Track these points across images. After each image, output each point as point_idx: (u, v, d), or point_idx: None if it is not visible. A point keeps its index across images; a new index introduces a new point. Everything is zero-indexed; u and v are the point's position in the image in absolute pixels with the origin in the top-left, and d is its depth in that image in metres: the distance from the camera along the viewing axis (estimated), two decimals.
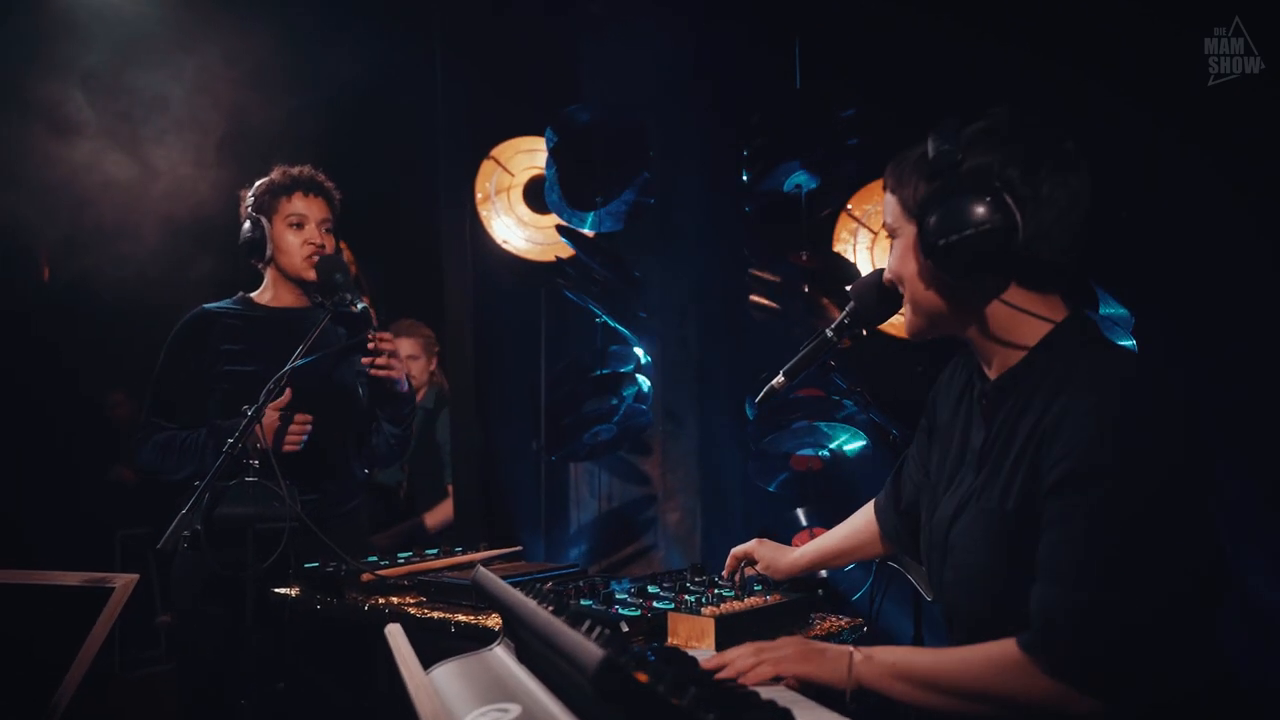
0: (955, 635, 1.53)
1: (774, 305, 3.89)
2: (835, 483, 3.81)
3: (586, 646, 0.98)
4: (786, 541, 3.72)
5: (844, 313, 1.81)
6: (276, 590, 2.37)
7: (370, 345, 2.80)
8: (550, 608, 1.38)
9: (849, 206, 4.13)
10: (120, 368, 6.10)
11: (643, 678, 0.98)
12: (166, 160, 4.93)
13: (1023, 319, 1.46)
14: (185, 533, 2.16)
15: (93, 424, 6.45)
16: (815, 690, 1.40)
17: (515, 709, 1.17)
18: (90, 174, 4.94)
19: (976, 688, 1.34)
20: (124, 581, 2.01)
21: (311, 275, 2.85)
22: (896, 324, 3.59)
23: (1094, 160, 1.47)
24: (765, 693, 1.29)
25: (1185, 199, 3.10)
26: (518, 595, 1.32)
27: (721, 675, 1.39)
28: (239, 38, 4.67)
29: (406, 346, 4.60)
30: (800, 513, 3.98)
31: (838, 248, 4.14)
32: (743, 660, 1.42)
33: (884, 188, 1.58)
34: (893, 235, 1.57)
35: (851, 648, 1.43)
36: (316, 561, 2.45)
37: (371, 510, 4.19)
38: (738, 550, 2.12)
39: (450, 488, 4.36)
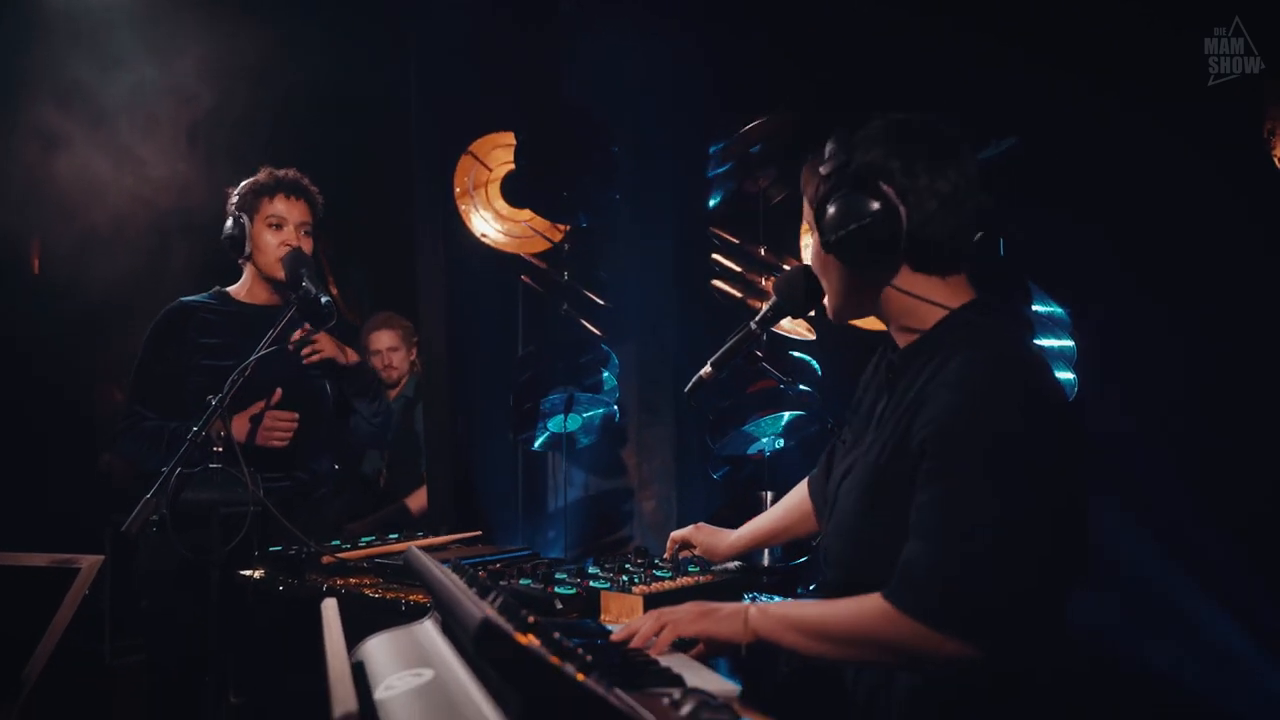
0: (827, 581, 1.65)
1: (736, 293, 3.98)
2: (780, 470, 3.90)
3: (472, 612, 1.08)
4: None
5: (766, 305, 1.90)
6: (241, 573, 2.47)
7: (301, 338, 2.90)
8: (465, 579, 1.48)
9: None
10: (110, 359, 6.19)
11: (524, 640, 1.07)
12: (148, 156, 5.02)
13: (919, 302, 1.59)
14: (153, 516, 2.27)
15: (83, 414, 6.54)
16: (715, 650, 1.51)
17: (429, 673, 1.26)
18: (76, 169, 5.03)
19: (856, 634, 1.45)
20: (89, 562, 2.12)
21: (283, 274, 2.94)
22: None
23: (1086, 161, 1.58)
24: (665, 660, 1.39)
25: (1186, 199, 3.14)
26: (434, 572, 1.42)
27: (625, 642, 1.48)
28: (215, 36, 4.76)
29: (386, 338, 4.69)
30: (767, 496, 4.07)
31: (805, 240, 4.23)
32: (646, 627, 1.51)
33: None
34: (812, 231, 1.69)
35: (746, 604, 1.53)
36: (280, 545, 2.55)
37: (351, 499, 4.29)
38: (676, 534, 2.22)
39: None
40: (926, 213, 1.52)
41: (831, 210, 1.54)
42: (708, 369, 1.98)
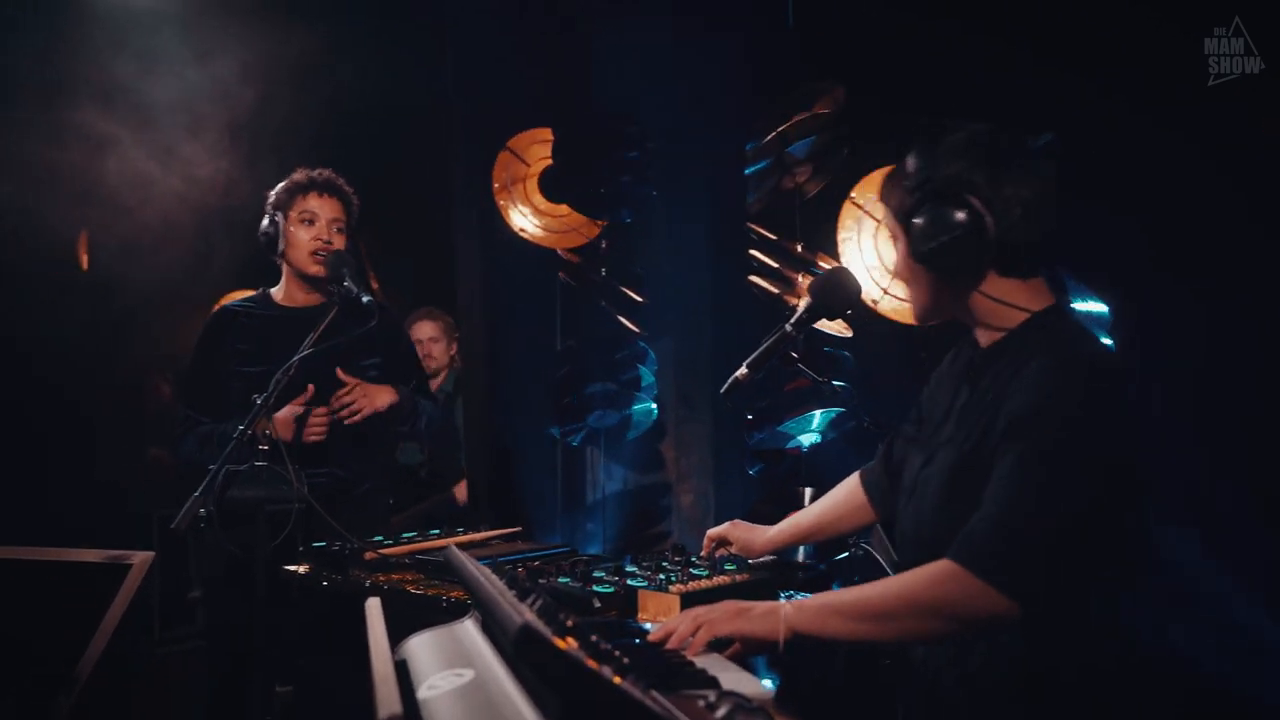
0: (906, 567, 1.67)
1: (773, 289, 3.98)
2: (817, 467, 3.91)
3: (512, 616, 1.11)
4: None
5: (802, 307, 1.92)
6: (286, 568, 2.52)
7: (340, 398, 2.94)
8: (508, 584, 1.51)
9: (852, 195, 4.20)
10: (156, 353, 6.31)
11: (563, 644, 1.09)
12: (193, 155, 5.11)
13: (1003, 305, 1.68)
14: (200, 511, 2.33)
15: (130, 407, 6.67)
16: (752, 648, 1.53)
17: (470, 673, 1.30)
18: (122, 168, 5.13)
19: (901, 603, 1.51)
20: (141, 559, 2.17)
21: (314, 270, 3.02)
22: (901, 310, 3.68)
23: (1086, 159, 1.61)
24: (700, 661, 1.41)
25: (1185, 199, 3.13)
26: (474, 573, 1.45)
27: (664, 643, 1.50)
28: (258, 37, 4.83)
29: (428, 329, 4.74)
30: (806, 492, 4.08)
31: (841, 235, 4.22)
32: (683, 628, 1.53)
33: (880, 198, 1.82)
34: (893, 238, 1.78)
35: (782, 601, 1.56)
36: (324, 541, 2.59)
37: (395, 492, 4.35)
38: (713, 532, 2.24)
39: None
40: (1010, 221, 1.60)
41: (921, 222, 1.63)
42: (744, 370, 2.00)
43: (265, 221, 3.05)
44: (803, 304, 1.92)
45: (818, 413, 3.39)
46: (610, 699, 1.05)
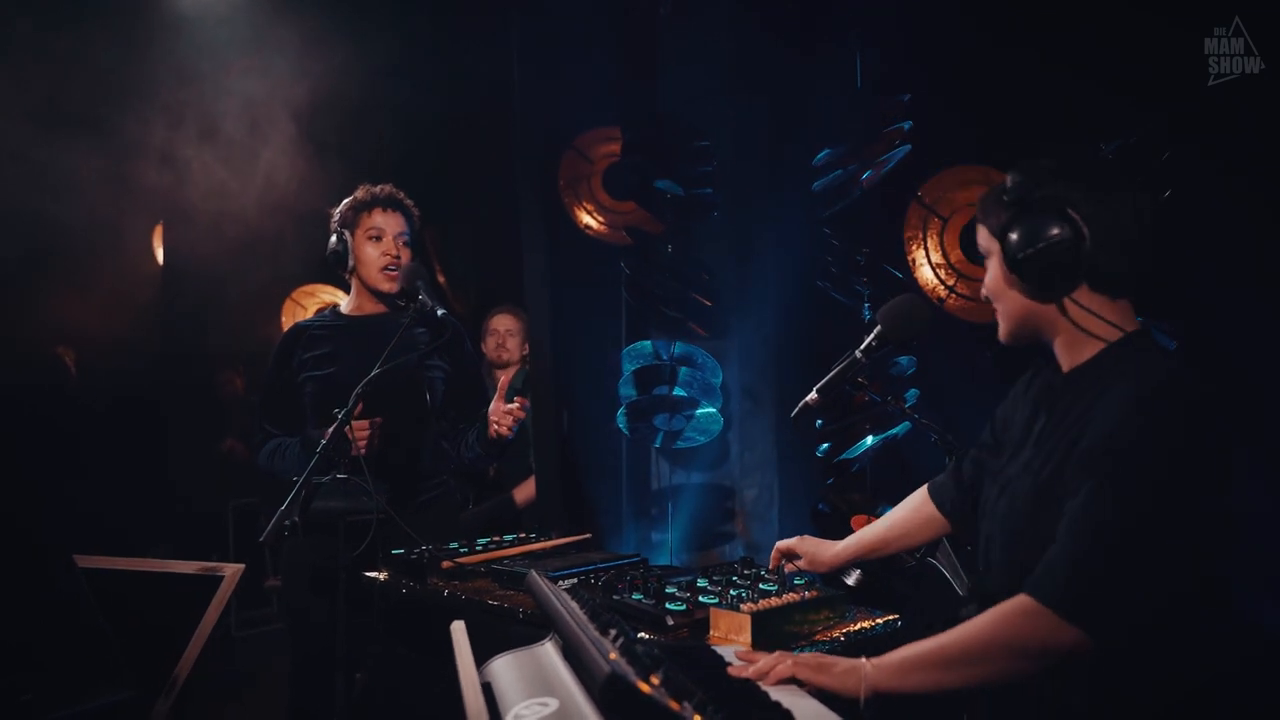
0: (989, 594, 1.69)
1: (839, 296, 4.01)
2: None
3: (598, 661, 1.16)
4: (845, 523, 3.86)
5: (871, 335, 1.95)
6: (367, 574, 2.62)
7: (509, 408, 3.00)
8: (585, 609, 1.57)
9: (919, 194, 4.20)
10: (229, 348, 6.49)
11: (645, 688, 1.15)
12: (265, 155, 5.24)
13: (1093, 321, 1.69)
14: (286, 522, 2.43)
15: (207, 399, 6.87)
16: (831, 699, 1.55)
17: (554, 704, 1.36)
18: (196, 168, 5.27)
19: (981, 645, 1.52)
20: (232, 571, 2.28)
21: (386, 288, 3.11)
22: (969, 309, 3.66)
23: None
24: (775, 694, 1.46)
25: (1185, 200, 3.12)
26: (554, 603, 1.51)
27: (741, 673, 1.55)
28: (324, 40, 4.93)
29: (506, 321, 4.82)
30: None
31: (908, 234, 4.22)
32: (764, 665, 1.57)
33: (976, 219, 1.83)
34: (986, 257, 1.81)
35: (864, 660, 1.57)
36: (403, 548, 2.68)
37: (462, 490, 4.45)
38: (781, 545, 2.27)
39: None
40: (1105, 238, 1.63)
41: (1018, 233, 1.66)
42: (814, 396, 2.03)
43: (333, 239, 3.14)
44: (874, 332, 1.94)
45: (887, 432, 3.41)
46: None
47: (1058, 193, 1.65)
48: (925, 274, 4.25)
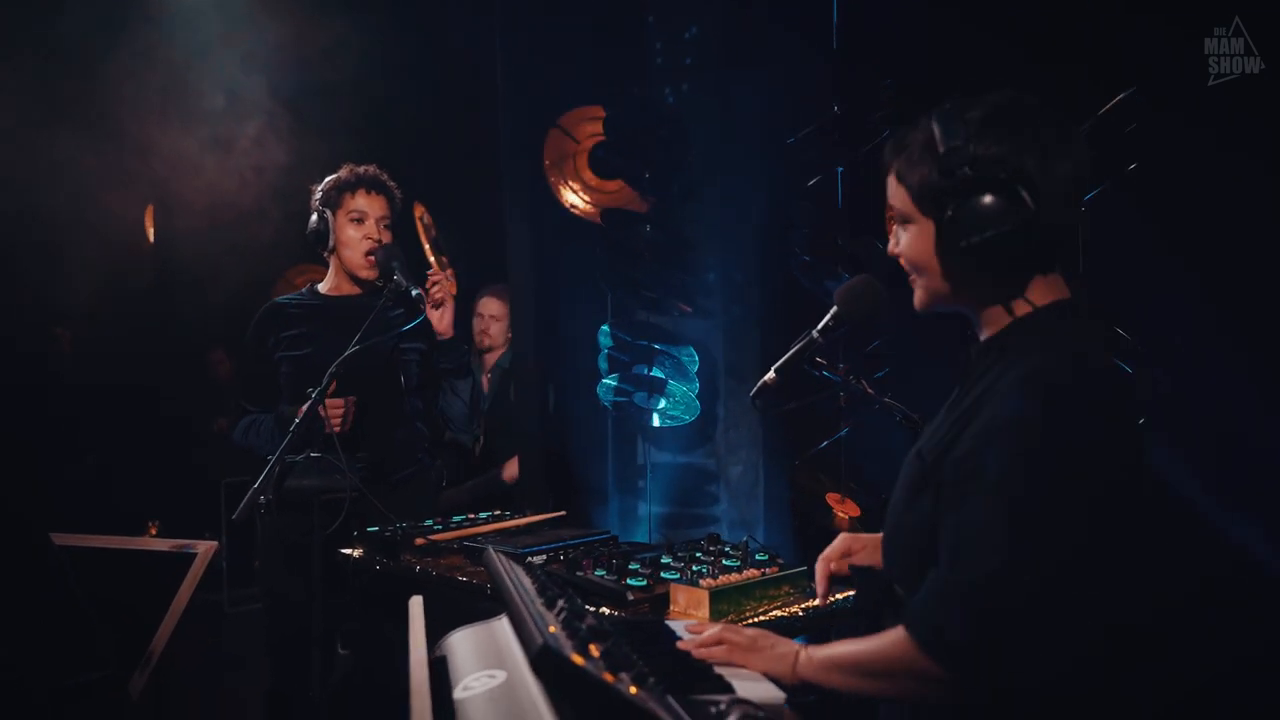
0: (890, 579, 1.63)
1: (814, 268, 4.03)
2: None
3: (534, 634, 1.20)
4: (819, 502, 3.88)
5: (828, 315, 1.97)
6: (341, 551, 2.65)
7: (435, 293, 3.06)
8: (536, 584, 1.60)
9: None
10: (218, 326, 6.52)
11: (579, 659, 1.18)
12: (250, 134, 5.24)
13: (1018, 301, 1.49)
14: (261, 499, 2.46)
15: (198, 377, 6.92)
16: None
17: (502, 675, 1.39)
18: (184, 148, 5.29)
19: (883, 666, 1.42)
20: (205, 548, 2.32)
21: (366, 275, 3.12)
22: None
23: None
24: (720, 667, 1.49)
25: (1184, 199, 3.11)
26: (504, 579, 1.54)
27: (687, 647, 1.57)
28: (310, 17, 4.93)
29: (493, 305, 4.83)
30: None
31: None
32: (708, 636, 1.57)
33: (888, 170, 1.57)
34: (903, 221, 1.56)
35: (799, 646, 1.54)
36: (377, 526, 2.72)
37: (449, 468, 4.49)
38: (831, 555, 1.84)
39: None
40: (1054, 211, 1.43)
41: (961, 211, 1.42)
42: (771, 375, 2.05)
43: (314, 218, 3.13)
44: (830, 312, 1.96)
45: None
46: (619, 712, 1.13)
47: (1003, 157, 1.41)
48: None
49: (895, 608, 1.54)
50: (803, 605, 2.10)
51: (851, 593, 2.14)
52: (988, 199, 1.40)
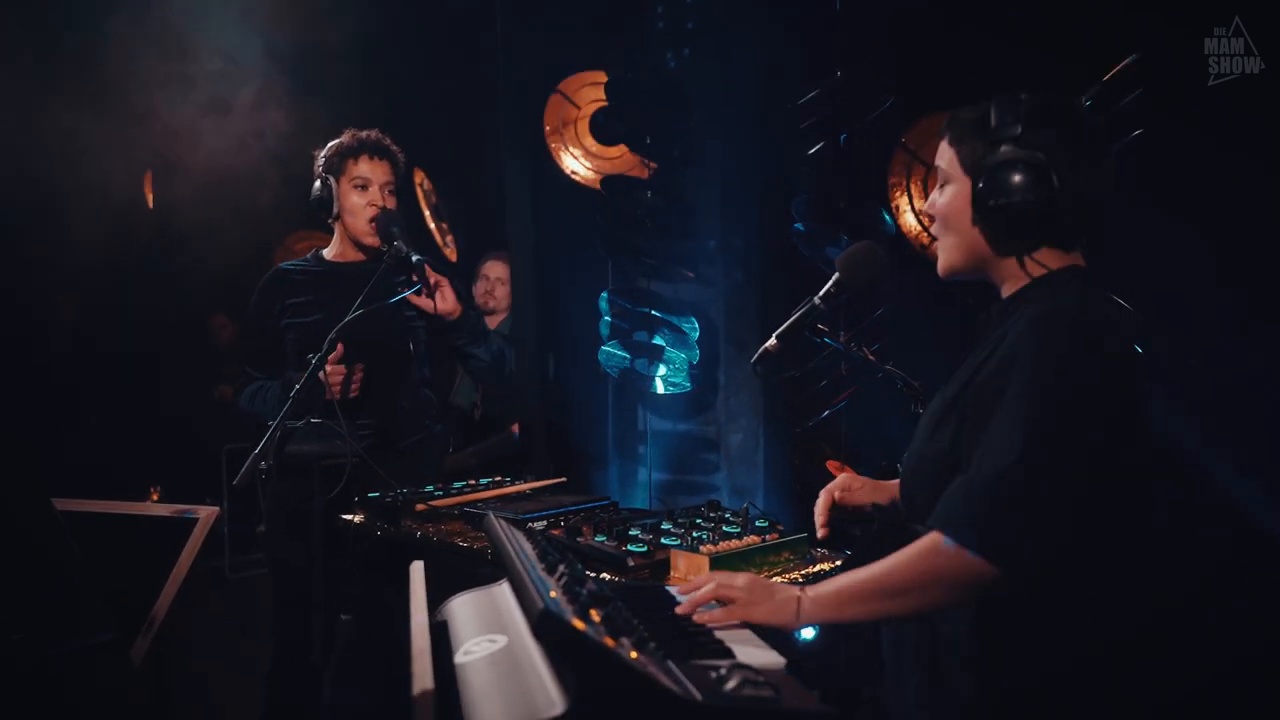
0: (907, 518, 1.71)
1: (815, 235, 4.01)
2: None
3: (534, 599, 1.20)
4: (820, 470, 3.88)
5: (830, 282, 1.96)
6: (343, 517, 2.66)
7: (424, 285, 3.02)
8: (536, 550, 1.61)
9: (904, 140, 4.19)
10: (217, 292, 6.52)
11: (580, 624, 1.19)
12: (248, 98, 5.21)
13: (1034, 264, 1.68)
14: (261, 466, 2.46)
15: (199, 347, 6.92)
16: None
17: (503, 640, 1.40)
18: (181, 112, 5.26)
19: (907, 577, 1.48)
20: (206, 514, 2.32)
21: (370, 242, 3.10)
22: None
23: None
24: (722, 631, 1.50)
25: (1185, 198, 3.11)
26: (505, 544, 1.54)
27: (683, 611, 1.57)
28: None
29: (498, 269, 4.82)
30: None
31: (892, 180, 4.22)
32: (702, 593, 1.57)
33: (942, 136, 1.77)
34: (944, 181, 1.75)
35: (798, 590, 1.56)
36: (378, 492, 2.73)
37: (447, 436, 4.50)
38: (835, 489, 2.01)
39: None
40: (1077, 200, 1.61)
41: (994, 179, 1.62)
42: (773, 341, 2.04)
43: (317, 185, 3.11)
44: (832, 278, 1.96)
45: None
46: (623, 675, 1.14)
47: (1042, 142, 1.61)
48: (909, 221, 4.26)
49: (907, 539, 1.57)
50: (803, 571, 2.11)
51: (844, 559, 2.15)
52: (1020, 173, 1.60)
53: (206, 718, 4.00)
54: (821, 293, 1.97)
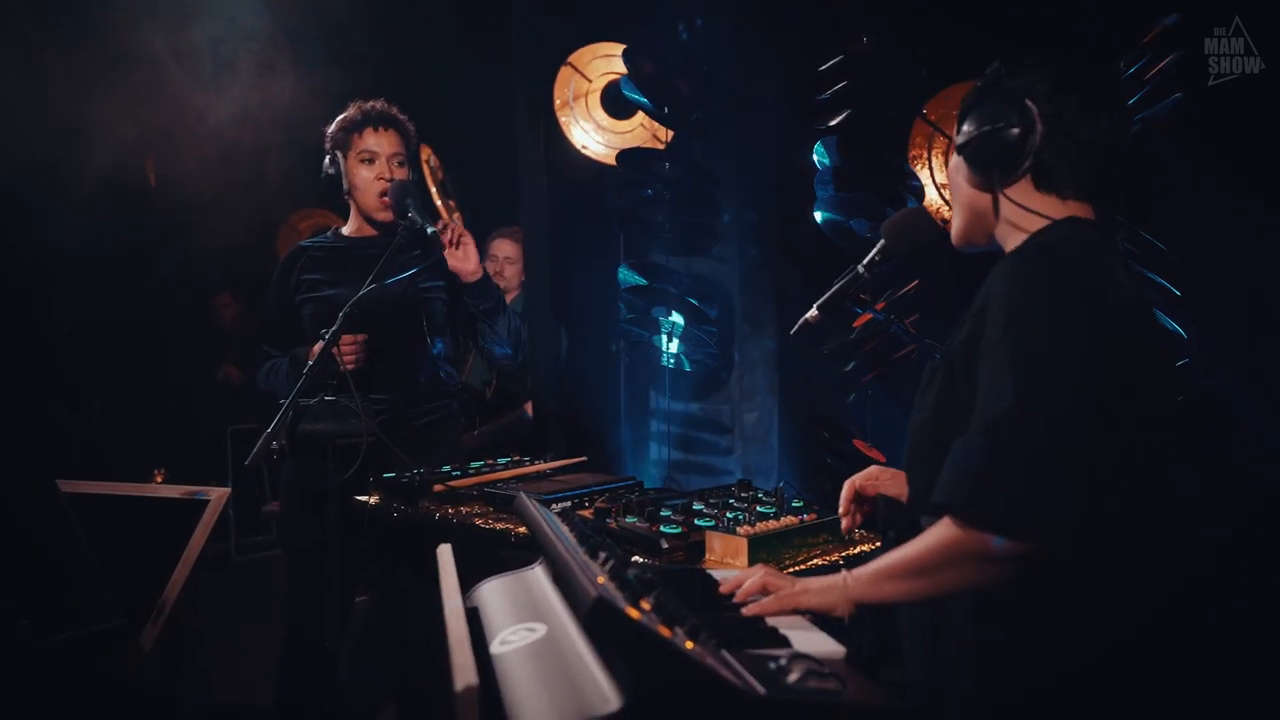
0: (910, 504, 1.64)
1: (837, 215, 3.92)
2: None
3: (584, 585, 1.11)
4: (848, 450, 3.81)
5: (874, 249, 1.87)
6: (358, 498, 2.57)
7: (445, 237, 2.93)
8: (575, 533, 1.52)
9: (924, 111, 4.08)
10: (222, 271, 6.43)
11: (634, 613, 1.10)
12: (252, 74, 5.11)
13: (1031, 218, 1.57)
14: (273, 444, 2.38)
15: (204, 326, 6.83)
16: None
17: (542, 629, 1.31)
18: (183, 89, 5.17)
19: (936, 554, 1.40)
20: (218, 495, 2.24)
21: (382, 217, 3.01)
22: None
23: None
24: (773, 619, 1.41)
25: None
26: (543, 527, 1.45)
27: (736, 598, 1.49)
28: None
29: (506, 247, 4.73)
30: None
31: (912, 154, 4.12)
32: (750, 584, 1.50)
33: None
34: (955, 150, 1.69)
35: (843, 574, 1.49)
36: (394, 472, 2.64)
37: (465, 414, 4.42)
38: (859, 480, 1.91)
39: None
40: (1061, 139, 1.53)
41: (972, 115, 1.59)
42: (814, 313, 1.96)
43: (326, 162, 3.04)
44: (877, 246, 1.87)
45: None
46: (682, 667, 1.05)
47: (1025, 83, 1.56)
48: (930, 194, 4.16)
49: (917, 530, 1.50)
50: (842, 553, 2.03)
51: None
52: (995, 107, 1.55)
53: (217, 702, 3.93)
54: (865, 261, 1.89)
